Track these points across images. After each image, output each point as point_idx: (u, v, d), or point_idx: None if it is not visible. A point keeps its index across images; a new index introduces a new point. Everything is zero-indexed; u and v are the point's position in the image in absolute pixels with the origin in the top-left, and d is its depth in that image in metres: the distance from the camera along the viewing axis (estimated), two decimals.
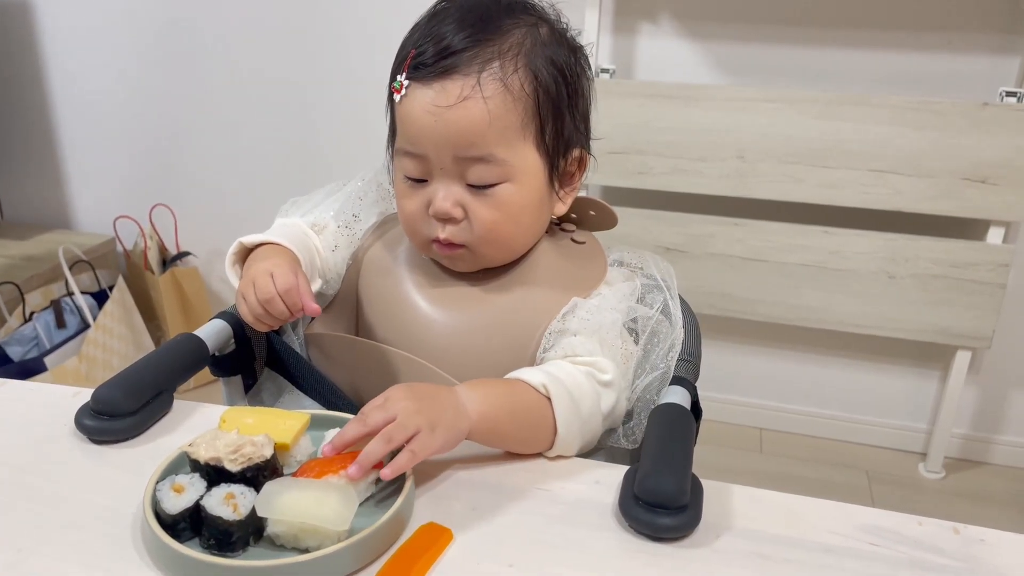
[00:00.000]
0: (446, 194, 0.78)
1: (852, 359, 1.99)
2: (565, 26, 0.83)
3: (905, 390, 1.98)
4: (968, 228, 1.77)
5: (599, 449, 0.84)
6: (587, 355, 0.79)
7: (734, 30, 1.81)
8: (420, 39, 0.78)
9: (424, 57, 0.76)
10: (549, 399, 0.74)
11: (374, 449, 0.64)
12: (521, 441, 0.74)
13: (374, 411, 0.66)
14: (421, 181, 0.80)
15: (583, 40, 0.85)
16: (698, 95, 1.76)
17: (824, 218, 1.80)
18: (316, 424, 0.72)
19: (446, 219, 0.79)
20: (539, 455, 0.75)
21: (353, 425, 0.66)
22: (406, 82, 0.77)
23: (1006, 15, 1.67)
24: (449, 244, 0.81)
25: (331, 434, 0.70)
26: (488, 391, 0.73)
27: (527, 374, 0.76)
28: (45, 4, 2.15)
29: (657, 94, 1.77)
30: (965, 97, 1.67)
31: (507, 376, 0.77)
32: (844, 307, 1.82)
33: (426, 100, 0.76)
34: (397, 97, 0.78)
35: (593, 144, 0.87)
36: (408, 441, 0.65)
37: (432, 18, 0.79)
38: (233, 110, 2.14)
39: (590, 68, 0.85)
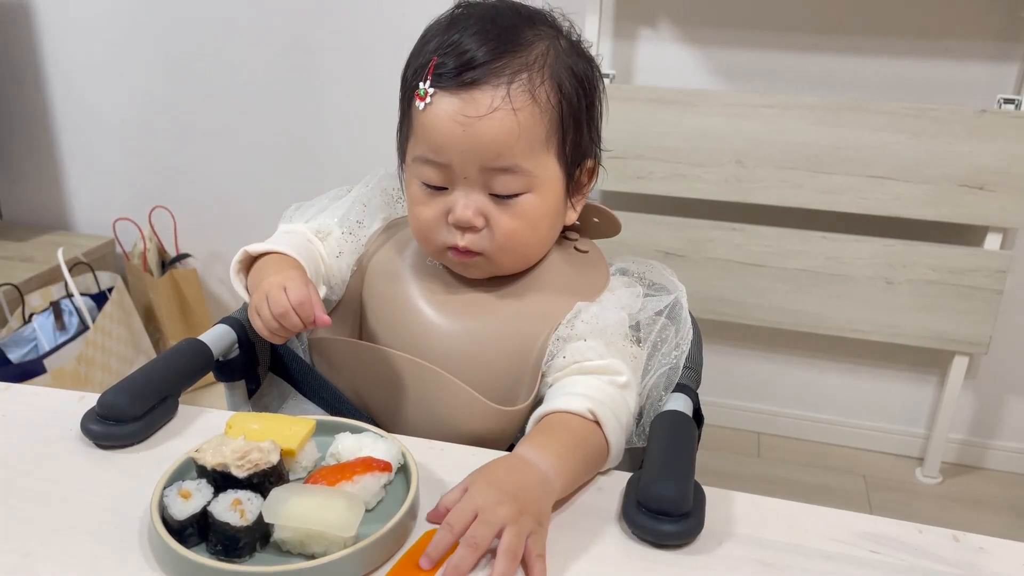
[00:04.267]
0: (467, 203, 0.78)
1: (850, 364, 2.00)
2: (578, 37, 0.84)
3: (902, 395, 1.99)
4: (965, 234, 1.78)
5: None
6: (597, 358, 0.79)
7: (733, 36, 1.81)
8: (440, 48, 0.77)
9: (448, 67, 0.76)
10: (598, 423, 0.74)
11: (464, 558, 0.59)
12: (588, 476, 0.73)
13: (456, 512, 0.62)
14: (440, 189, 0.80)
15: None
16: (697, 100, 1.76)
17: (822, 223, 1.81)
18: (322, 430, 0.73)
19: (467, 228, 0.79)
20: None
21: (443, 535, 0.60)
22: (431, 90, 0.77)
23: (1004, 23, 1.68)
24: (467, 252, 0.81)
25: (340, 439, 0.70)
26: (557, 447, 0.70)
27: (564, 403, 0.75)
28: (45, 5, 2.16)
29: (656, 99, 1.78)
30: (963, 104, 1.68)
31: (543, 411, 0.76)
32: (842, 312, 1.83)
33: (453, 109, 0.76)
34: (421, 105, 0.77)
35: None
36: (499, 535, 0.61)
37: (451, 26, 0.79)
38: (233, 112, 2.14)
39: (603, 79, 0.86)
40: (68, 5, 2.14)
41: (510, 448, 0.76)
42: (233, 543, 0.60)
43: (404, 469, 0.69)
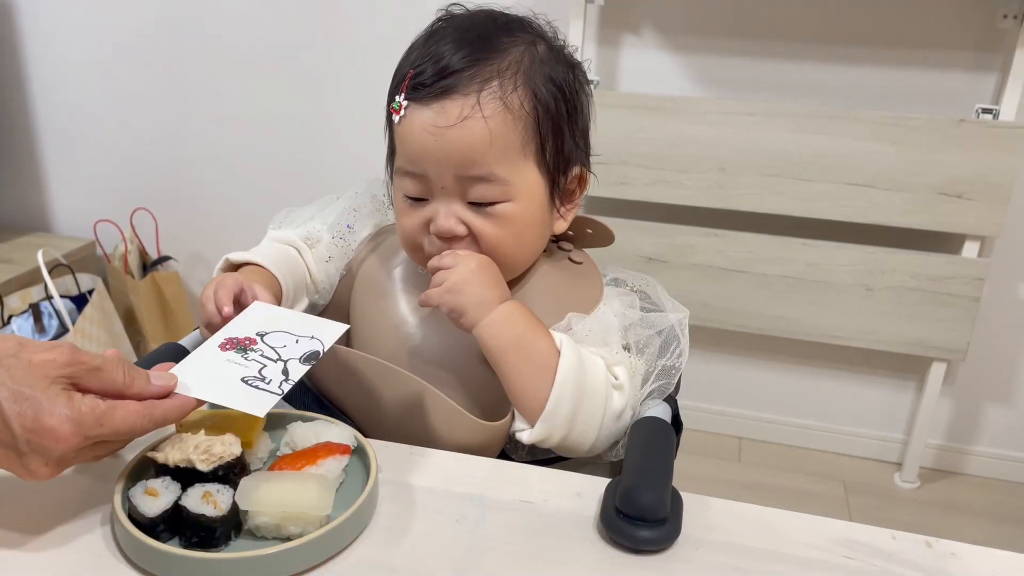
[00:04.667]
0: (447, 212, 0.79)
1: (830, 370, 2.01)
2: (562, 43, 0.84)
3: (881, 401, 2.01)
4: (944, 242, 1.80)
5: (590, 463, 0.84)
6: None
7: (716, 44, 1.83)
8: (418, 59, 0.78)
9: (422, 78, 0.76)
10: (559, 353, 0.75)
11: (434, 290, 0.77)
12: (516, 375, 0.76)
13: (442, 264, 0.77)
14: (421, 200, 0.80)
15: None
16: (680, 107, 1.77)
17: (803, 230, 1.82)
18: (271, 423, 0.73)
19: (448, 237, 0.80)
20: (522, 458, 0.75)
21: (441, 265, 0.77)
22: (404, 103, 0.77)
23: (982, 33, 1.70)
24: None
25: (293, 428, 0.72)
26: (519, 314, 0.78)
27: (554, 331, 0.79)
28: (26, 5, 2.14)
29: (639, 106, 1.79)
30: (942, 113, 1.70)
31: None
32: (822, 318, 1.84)
33: (425, 120, 0.76)
34: (396, 118, 0.78)
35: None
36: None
37: (429, 38, 0.80)
38: (215, 115, 2.13)
39: (588, 84, 0.85)
40: (49, 6, 2.13)
41: (500, 457, 0.77)
42: (210, 533, 0.60)
43: (358, 451, 0.71)
